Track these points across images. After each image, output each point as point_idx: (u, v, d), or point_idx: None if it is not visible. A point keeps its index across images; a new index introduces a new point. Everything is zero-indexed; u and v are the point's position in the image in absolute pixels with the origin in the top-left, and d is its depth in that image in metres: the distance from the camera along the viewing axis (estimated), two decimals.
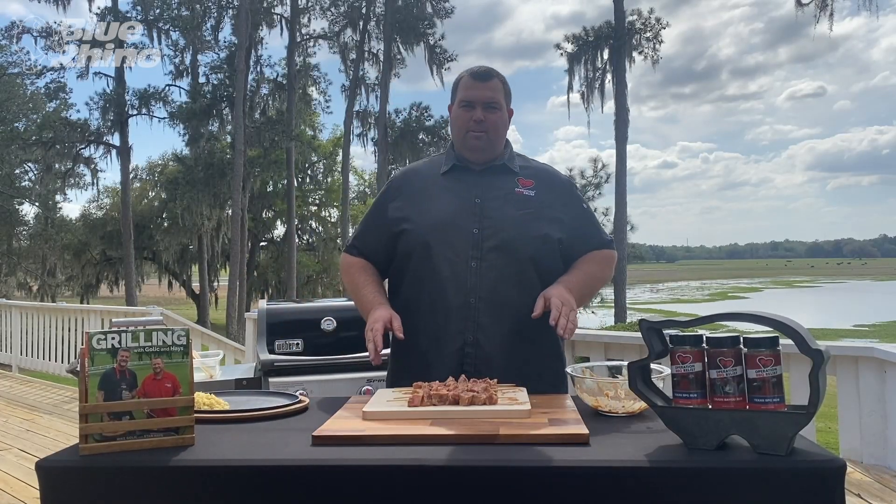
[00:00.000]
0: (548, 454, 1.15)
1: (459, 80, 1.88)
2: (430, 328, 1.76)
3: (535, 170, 1.91)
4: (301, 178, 30.03)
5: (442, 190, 1.85)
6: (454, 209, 1.80)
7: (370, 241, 1.92)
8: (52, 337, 7.88)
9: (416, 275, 1.80)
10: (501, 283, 1.75)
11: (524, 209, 1.81)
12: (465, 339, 1.74)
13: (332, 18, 25.62)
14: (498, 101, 1.83)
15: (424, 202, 1.83)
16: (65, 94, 22.85)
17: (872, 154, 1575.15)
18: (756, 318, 1.19)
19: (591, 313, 22.88)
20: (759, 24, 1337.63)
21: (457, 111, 1.86)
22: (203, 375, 2.43)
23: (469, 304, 1.74)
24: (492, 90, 1.83)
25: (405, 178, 1.95)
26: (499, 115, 1.84)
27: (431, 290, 1.77)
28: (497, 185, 1.84)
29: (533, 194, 1.84)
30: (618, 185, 21.10)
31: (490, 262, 1.75)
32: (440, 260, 1.76)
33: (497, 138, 1.85)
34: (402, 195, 1.88)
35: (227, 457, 1.19)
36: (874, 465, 3.45)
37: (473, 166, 1.87)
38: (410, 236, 1.80)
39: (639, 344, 3.92)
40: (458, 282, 1.75)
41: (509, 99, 1.89)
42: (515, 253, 1.76)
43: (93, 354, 1.23)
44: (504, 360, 1.73)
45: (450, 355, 1.74)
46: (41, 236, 23.50)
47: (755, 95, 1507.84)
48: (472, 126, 1.82)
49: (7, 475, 3.86)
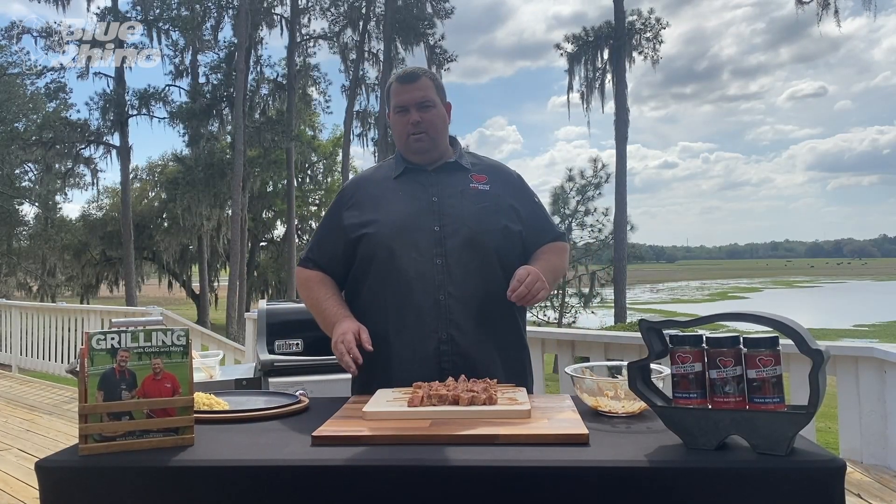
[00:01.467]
0: (548, 454, 1.15)
1: (389, 87, 1.90)
2: (401, 330, 1.75)
3: (486, 165, 1.94)
4: (301, 178, 30.05)
5: (397, 193, 1.85)
6: (413, 209, 1.81)
7: (326, 251, 1.90)
8: (51, 337, 7.88)
9: (379, 278, 1.79)
10: (468, 277, 1.75)
11: (481, 203, 1.82)
12: (439, 336, 1.73)
13: (332, 18, 25.65)
14: (430, 98, 1.85)
15: (382, 206, 1.83)
16: (65, 94, 22.87)
17: (873, 154, 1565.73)
18: (756, 318, 1.19)
19: (591, 313, 22.87)
20: (761, 24, 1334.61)
21: (394, 118, 1.88)
22: (203, 375, 2.43)
23: (439, 302, 1.74)
24: (422, 89, 1.84)
25: (357, 186, 1.94)
26: (434, 112, 1.85)
27: (397, 292, 1.76)
28: (451, 182, 1.85)
29: (488, 188, 1.86)
30: (618, 185, 21.09)
31: (455, 258, 1.76)
32: (405, 261, 1.75)
33: (438, 135, 1.87)
34: (356, 202, 1.87)
35: (227, 457, 1.19)
36: (874, 465, 3.45)
37: (425, 167, 1.88)
38: (371, 240, 1.79)
39: (639, 344, 3.92)
40: (425, 280, 1.74)
41: (443, 94, 1.91)
42: (479, 246, 1.77)
43: (92, 354, 1.23)
44: (478, 354, 1.74)
45: (426, 355, 1.73)
46: (41, 236, 23.50)
47: (756, 95, 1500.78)
48: (410, 129, 1.83)
49: (7, 475, 3.86)
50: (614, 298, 21.01)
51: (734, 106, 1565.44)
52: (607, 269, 22.20)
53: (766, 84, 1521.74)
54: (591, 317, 23.08)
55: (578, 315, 22.37)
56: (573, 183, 22.12)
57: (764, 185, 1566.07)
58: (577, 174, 22.13)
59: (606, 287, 22.60)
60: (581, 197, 22.06)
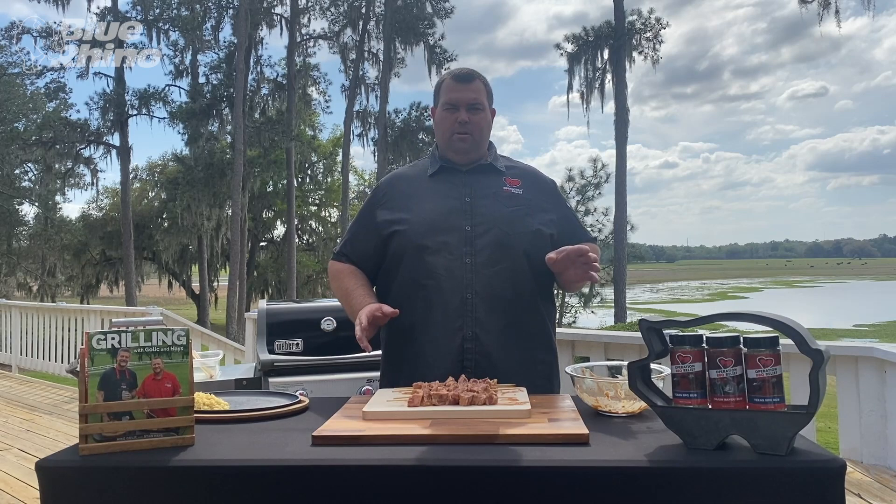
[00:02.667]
0: (548, 454, 1.15)
1: (441, 83, 1.91)
2: (427, 326, 1.77)
3: (520, 170, 1.95)
4: (301, 178, 30.05)
5: (431, 191, 1.86)
6: (445, 208, 1.82)
7: (359, 246, 1.92)
8: (51, 337, 7.88)
9: (409, 275, 1.80)
10: (496, 278, 1.76)
11: (514, 206, 1.83)
12: (464, 334, 1.74)
13: (331, 18, 25.66)
14: (481, 102, 1.86)
15: (414, 204, 1.85)
16: (65, 94, 22.87)
17: (873, 154, 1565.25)
18: (756, 318, 1.19)
19: (591, 313, 22.88)
20: (762, 24, 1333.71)
21: (441, 114, 1.88)
22: (203, 375, 2.43)
23: (466, 300, 1.75)
24: (475, 92, 1.86)
25: (391, 183, 1.96)
26: (482, 115, 1.87)
27: (427, 288, 1.77)
28: (485, 183, 1.86)
29: (521, 192, 1.87)
30: (618, 185, 21.10)
31: (484, 258, 1.77)
32: (435, 258, 1.77)
33: (481, 139, 1.88)
34: (389, 200, 1.89)
35: (227, 457, 1.19)
36: (874, 464, 3.45)
37: (460, 167, 1.89)
38: (403, 237, 1.81)
39: (639, 344, 3.92)
40: (454, 278, 1.76)
41: (491, 99, 1.93)
42: (509, 248, 1.78)
43: (93, 354, 1.23)
44: (501, 354, 1.74)
45: (450, 352, 1.74)
46: (41, 236, 23.48)
47: (757, 95, 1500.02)
48: (456, 128, 1.84)
49: (7, 475, 3.86)
50: (614, 298, 21.02)
51: (735, 106, 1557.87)
52: (607, 269, 22.21)
53: (767, 84, 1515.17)
54: (591, 317, 23.11)
55: (578, 315, 22.39)
56: (573, 183, 22.12)
57: (764, 185, 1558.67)
58: (577, 174, 22.14)
59: (606, 287, 22.61)
60: (581, 197, 22.06)
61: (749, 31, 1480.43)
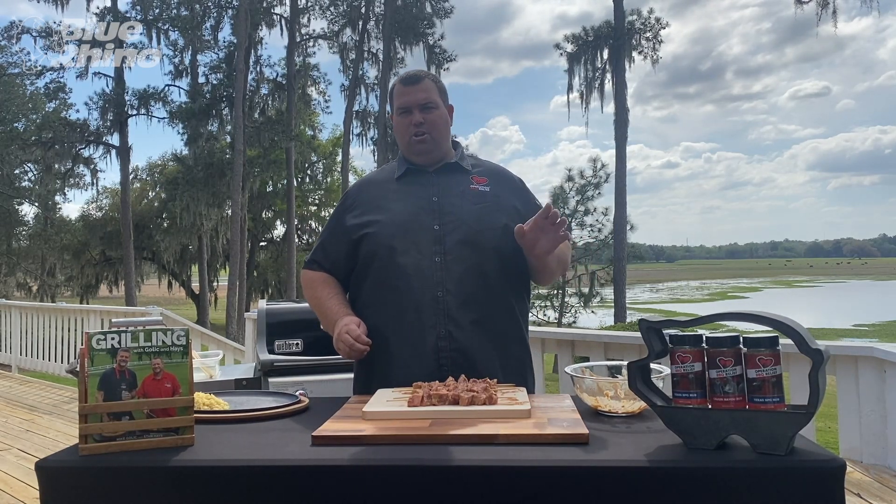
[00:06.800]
0: (548, 454, 1.15)
1: (392, 90, 1.93)
2: (400, 326, 1.76)
3: (487, 168, 1.97)
4: (301, 178, 30.04)
5: (399, 193, 1.88)
6: (413, 209, 1.83)
7: (331, 253, 1.93)
8: (51, 337, 7.88)
9: (380, 276, 1.81)
10: (467, 275, 1.77)
11: (481, 203, 1.85)
12: (437, 332, 1.74)
13: (331, 18, 25.66)
14: (433, 100, 1.87)
15: (383, 206, 1.86)
16: (64, 94, 22.87)
17: (874, 154, 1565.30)
18: (756, 318, 1.19)
19: (591, 313, 22.87)
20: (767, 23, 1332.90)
21: (397, 120, 1.91)
22: (203, 375, 2.43)
23: (437, 298, 1.75)
24: (424, 91, 1.87)
25: (360, 188, 1.98)
26: (437, 113, 1.88)
27: (397, 289, 1.78)
28: (452, 183, 1.88)
29: (488, 189, 1.89)
30: (617, 185, 21.09)
31: (454, 256, 1.77)
32: (405, 258, 1.78)
33: (440, 137, 1.89)
34: (358, 204, 1.90)
35: (227, 457, 1.19)
36: (874, 464, 3.45)
37: (426, 168, 1.90)
38: (372, 239, 1.81)
39: (638, 344, 3.92)
40: (424, 277, 1.76)
41: (445, 96, 1.93)
42: (478, 245, 1.79)
43: (92, 354, 1.23)
44: (476, 350, 1.75)
45: (425, 352, 1.74)
46: (41, 236, 23.49)
47: (759, 95, 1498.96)
48: (412, 130, 1.86)
49: (7, 475, 3.86)
50: (614, 298, 21.02)
51: (737, 106, 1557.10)
52: (607, 269, 22.21)
53: (769, 84, 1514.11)
54: (591, 316, 23.09)
55: (578, 315, 22.37)
56: (573, 183, 22.12)
57: (765, 185, 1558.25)
58: (577, 174, 22.13)
59: (606, 287, 22.60)
60: (580, 197, 22.05)
61: (753, 31, 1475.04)
